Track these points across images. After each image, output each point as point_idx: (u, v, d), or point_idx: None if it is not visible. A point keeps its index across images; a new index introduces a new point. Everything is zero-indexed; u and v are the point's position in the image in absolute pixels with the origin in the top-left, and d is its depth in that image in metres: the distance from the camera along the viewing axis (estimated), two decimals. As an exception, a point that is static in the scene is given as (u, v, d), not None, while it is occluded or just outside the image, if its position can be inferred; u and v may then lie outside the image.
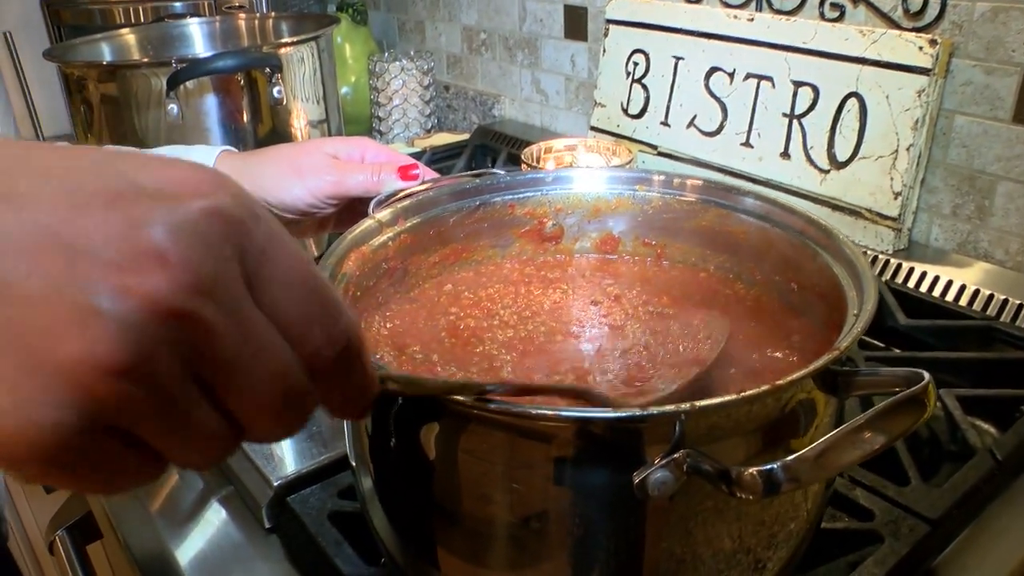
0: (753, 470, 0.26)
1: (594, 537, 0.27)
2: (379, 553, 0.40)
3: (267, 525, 0.46)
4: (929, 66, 0.64)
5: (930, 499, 0.43)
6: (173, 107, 0.75)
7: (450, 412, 0.29)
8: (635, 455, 0.26)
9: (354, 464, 0.37)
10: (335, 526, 0.43)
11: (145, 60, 0.92)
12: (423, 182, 0.48)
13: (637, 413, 0.25)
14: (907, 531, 0.41)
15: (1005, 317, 0.61)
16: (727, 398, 0.28)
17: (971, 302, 0.63)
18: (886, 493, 0.43)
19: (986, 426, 0.52)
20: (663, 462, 0.25)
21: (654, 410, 0.25)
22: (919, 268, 0.66)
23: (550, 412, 0.26)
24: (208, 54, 0.80)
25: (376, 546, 0.37)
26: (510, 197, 0.47)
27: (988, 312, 0.61)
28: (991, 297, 0.62)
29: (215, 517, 0.48)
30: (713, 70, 0.79)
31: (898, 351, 0.60)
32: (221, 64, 0.76)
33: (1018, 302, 0.61)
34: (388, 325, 0.42)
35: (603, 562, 0.28)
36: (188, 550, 0.46)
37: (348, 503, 0.44)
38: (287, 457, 0.48)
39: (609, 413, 0.26)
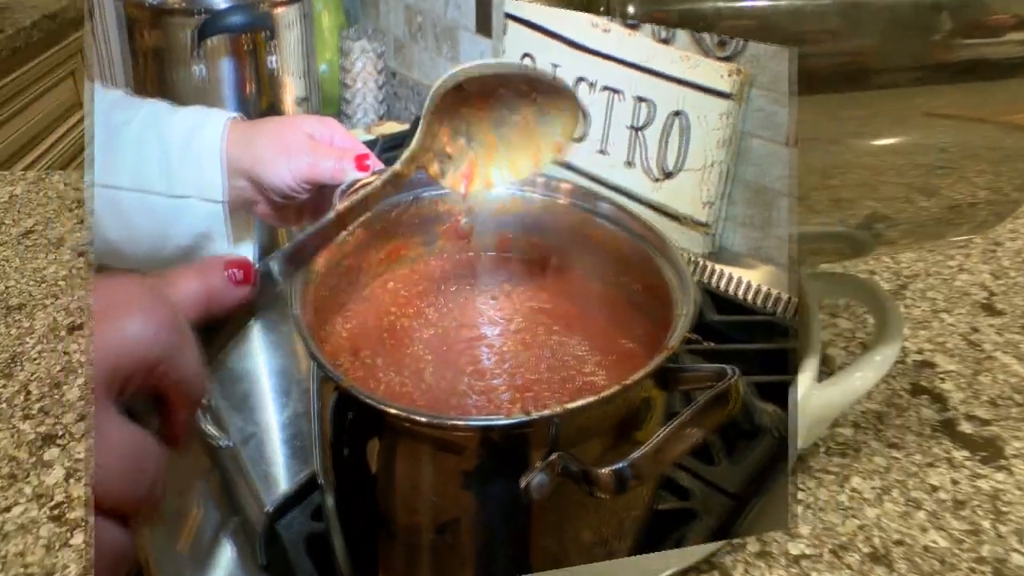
0: (607, 470, 0.28)
1: (497, 543, 0.28)
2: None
3: (261, 562, 0.41)
4: (731, 91, 0.73)
5: (731, 476, 0.49)
6: (200, 67, 0.71)
7: (388, 423, 0.29)
8: (524, 460, 0.27)
9: (321, 482, 0.35)
10: (311, 551, 0.39)
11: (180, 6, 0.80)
12: (372, 173, 0.46)
13: (522, 419, 0.26)
14: (717, 506, 0.47)
15: (784, 312, 0.72)
16: (590, 399, 0.30)
17: (760, 300, 0.73)
18: (699, 473, 0.49)
19: (772, 408, 0.61)
20: (542, 465, 0.27)
21: (535, 415, 0.26)
22: (726, 270, 0.75)
23: (451, 422, 0.27)
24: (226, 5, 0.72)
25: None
26: (435, 193, 0.47)
27: (774, 309, 0.72)
28: (773, 295, 0.73)
29: (223, 556, 0.42)
30: (580, 80, 0.83)
31: (712, 344, 0.68)
32: (231, 21, 0.70)
33: (794, 299, 0.72)
34: (347, 326, 0.42)
35: (504, 567, 0.29)
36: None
37: (321, 524, 0.41)
38: (280, 476, 0.44)
39: (501, 421, 0.26)
